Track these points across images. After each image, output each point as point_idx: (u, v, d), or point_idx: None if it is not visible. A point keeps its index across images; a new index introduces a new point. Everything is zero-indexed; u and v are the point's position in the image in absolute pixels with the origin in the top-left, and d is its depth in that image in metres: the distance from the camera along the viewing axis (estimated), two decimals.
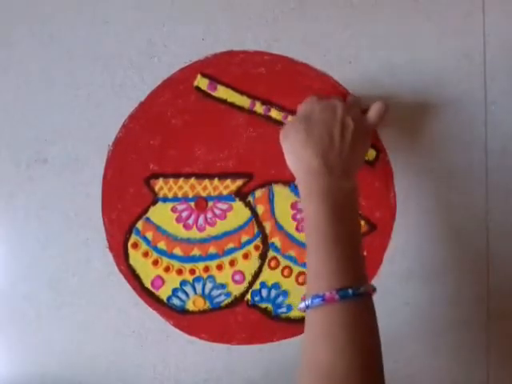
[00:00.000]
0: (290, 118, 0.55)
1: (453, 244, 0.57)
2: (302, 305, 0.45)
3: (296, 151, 0.49)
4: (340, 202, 0.47)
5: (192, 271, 0.56)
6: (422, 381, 0.58)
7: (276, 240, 0.56)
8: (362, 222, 0.56)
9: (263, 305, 0.57)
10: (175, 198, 0.56)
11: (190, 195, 0.56)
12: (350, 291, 0.43)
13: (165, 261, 0.56)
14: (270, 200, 0.56)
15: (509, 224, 0.57)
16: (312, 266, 0.46)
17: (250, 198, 0.56)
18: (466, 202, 0.57)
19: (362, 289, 0.44)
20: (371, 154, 0.56)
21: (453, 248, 0.57)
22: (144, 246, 0.56)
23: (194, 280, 0.56)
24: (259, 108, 0.55)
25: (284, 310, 0.57)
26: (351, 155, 0.49)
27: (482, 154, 0.56)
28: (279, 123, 0.55)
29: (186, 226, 0.56)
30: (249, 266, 0.57)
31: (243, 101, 0.55)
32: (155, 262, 0.56)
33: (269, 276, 0.57)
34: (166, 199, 0.56)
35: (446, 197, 0.57)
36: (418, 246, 0.57)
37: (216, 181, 0.56)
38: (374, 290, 0.46)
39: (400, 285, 0.57)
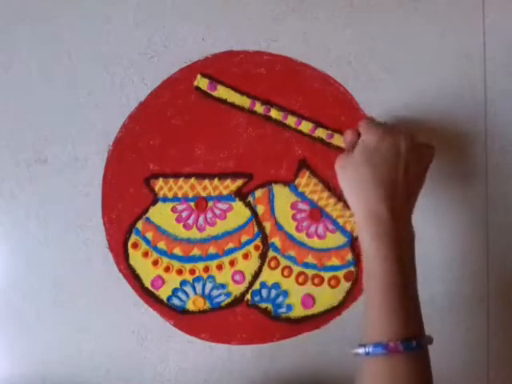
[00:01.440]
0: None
1: (453, 244, 0.57)
2: (361, 350, 0.44)
3: (357, 191, 0.48)
4: (405, 248, 0.46)
5: (192, 271, 0.56)
6: None
7: (276, 240, 0.56)
8: None
9: (263, 305, 0.57)
10: (175, 198, 0.56)
11: (190, 195, 0.56)
12: (414, 343, 0.43)
13: (165, 261, 0.56)
14: (270, 200, 0.56)
15: (509, 224, 0.57)
16: (374, 312, 0.45)
17: (250, 198, 0.56)
18: (466, 202, 0.57)
19: (425, 340, 0.44)
20: None
21: (453, 248, 0.57)
22: (144, 246, 0.56)
23: (193, 280, 0.56)
24: (259, 108, 0.55)
25: (284, 310, 0.57)
26: (412, 196, 0.48)
27: (482, 153, 0.56)
28: (279, 123, 0.55)
29: (186, 226, 0.56)
30: (249, 266, 0.57)
31: (243, 101, 0.55)
32: (155, 262, 0.56)
33: (269, 276, 0.57)
34: (165, 199, 0.56)
35: (446, 197, 0.57)
36: (418, 246, 0.57)
37: (216, 181, 0.56)
38: (431, 341, 0.46)
39: None
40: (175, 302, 0.56)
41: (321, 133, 0.56)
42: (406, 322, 0.44)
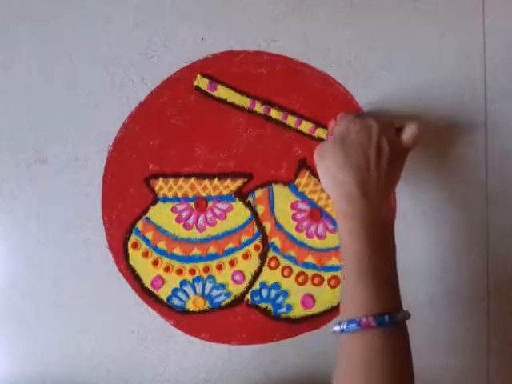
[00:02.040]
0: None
1: (453, 244, 0.57)
2: (337, 328, 0.45)
3: (333, 175, 0.49)
4: (379, 229, 0.47)
5: (192, 271, 0.56)
6: (422, 380, 0.58)
7: (276, 240, 0.56)
8: None
9: (263, 305, 0.57)
10: (175, 198, 0.56)
11: (190, 195, 0.56)
12: (387, 318, 0.43)
13: (165, 261, 0.56)
14: (270, 200, 0.56)
15: (509, 224, 0.57)
16: (348, 290, 0.46)
17: (250, 198, 0.56)
18: (466, 202, 0.57)
19: (399, 316, 0.44)
20: None
21: (453, 248, 0.57)
22: (144, 246, 0.56)
23: (193, 280, 0.56)
24: (259, 108, 0.55)
25: (284, 310, 0.57)
26: (386, 181, 0.48)
27: (482, 154, 0.56)
28: (279, 123, 0.55)
29: (186, 226, 0.56)
30: (249, 266, 0.57)
31: (243, 101, 0.55)
32: (155, 262, 0.56)
33: (269, 276, 0.57)
34: (165, 199, 0.56)
35: (446, 197, 0.57)
36: (418, 246, 0.57)
37: (216, 181, 0.56)
38: (408, 316, 0.46)
39: (400, 285, 0.57)
40: (175, 301, 0.56)
41: (321, 133, 0.56)
42: (380, 298, 0.44)
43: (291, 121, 0.56)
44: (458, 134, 0.56)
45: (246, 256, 0.56)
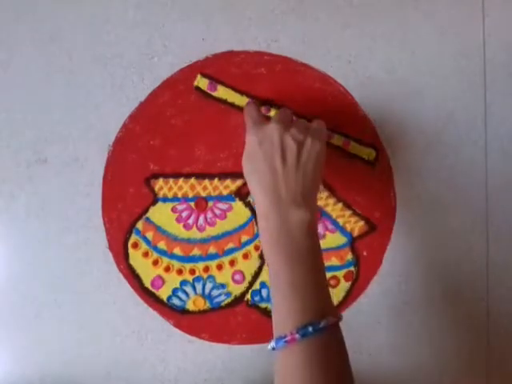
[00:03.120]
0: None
1: (453, 244, 0.57)
2: (269, 346, 0.44)
3: (252, 198, 0.49)
4: (293, 237, 0.45)
5: (192, 271, 0.56)
6: (421, 380, 0.58)
7: None
8: (362, 222, 0.56)
9: (263, 305, 0.57)
10: (175, 198, 0.56)
11: (190, 195, 0.56)
12: (310, 328, 0.42)
13: (165, 261, 0.56)
14: None
15: (509, 224, 0.57)
16: (275, 309, 0.45)
17: (250, 198, 0.56)
18: (466, 202, 0.57)
19: (323, 323, 0.42)
20: (371, 153, 0.56)
21: (453, 248, 0.57)
22: (144, 246, 0.56)
23: (194, 280, 0.56)
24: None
25: None
26: (301, 178, 0.46)
27: (482, 154, 0.57)
28: None
29: (186, 226, 0.56)
30: (249, 266, 0.57)
31: (243, 101, 0.55)
32: (155, 262, 0.56)
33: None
34: (166, 199, 0.56)
35: (446, 197, 0.57)
36: (418, 246, 0.57)
37: (216, 181, 0.56)
38: (338, 319, 0.44)
39: (400, 285, 0.57)
40: (175, 301, 0.56)
41: None
42: (301, 310, 0.43)
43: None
44: (458, 134, 0.56)
45: (246, 256, 0.56)
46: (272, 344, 0.44)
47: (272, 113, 0.55)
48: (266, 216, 0.46)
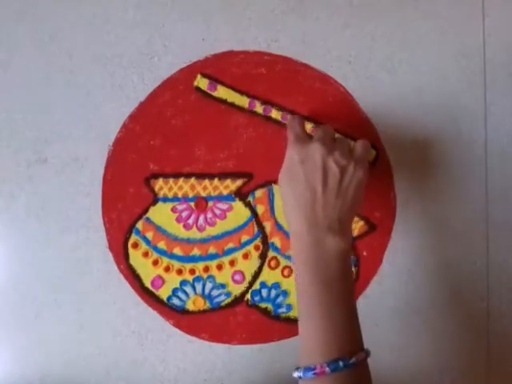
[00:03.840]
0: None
1: (453, 244, 0.57)
2: (296, 374, 0.44)
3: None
4: (327, 263, 0.44)
5: (192, 271, 0.56)
6: (422, 380, 0.58)
7: (276, 240, 0.56)
8: (362, 222, 0.56)
9: (263, 305, 0.57)
10: (175, 198, 0.56)
11: (190, 195, 0.56)
12: (341, 363, 0.42)
13: (165, 261, 0.56)
14: (270, 200, 0.56)
15: (509, 224, 0.57)
16: (303, 335, 0.45)
17: (250, 198, 0.56)
18: (466, 202, 0.57)
19: (353, 359, 0.42)
20: (371, 153, 0.56)
21: (453, 248, 0.57)
22: (144, 246, 0.56)
23: (194, 280, 0.56)
24: (259, 108, 0.55)
25: (284, 310, 0.57)
26: (340, 205, 0.45)
27: (482, 154, 0.57)
28: (279, 123, 0.55)
29: (186, 226, 0.56)
30: (249, 266, 0.57)
31: (243, 101, 0.55)
32: (155, 262, 0.56)
33: (269, 276, 0.57)
34: (166, 199, 0.56)
35: (446, 197, 0.57)
36: (418, 246, 0.57)
37: (216, 181, 0.56)
38: (367, 355, 0.44)
39: (400, 285, 0.57)
40: (175, 301, 0.56)
41: None
42: (333, 343, 0.43)
43: None
44: (458, 134, 0.56)
45: (246, 256, 0.56)
46: (299, 374, 0.43)
47: (272, 113, 0.55)
48: (301, 235, 0.45)
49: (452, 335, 0.58)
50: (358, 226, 0.57)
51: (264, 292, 0.57)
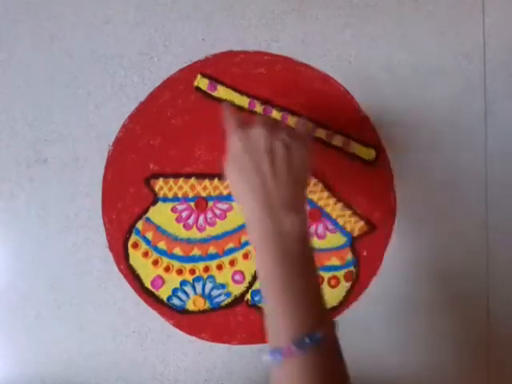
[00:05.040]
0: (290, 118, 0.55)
1: (453, 244, 0.57)
2: (264, 358, 0.42)
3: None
4: (285, 242, 0.43)
5: (192, 271, 0.56)
6: (422, 380, 0.58)
7: None
8: (362, 222, 0.56)
9: (263, 305, 0.57)
10: (175, 198, 0.56)
11: (190, 195, 0.56)
12: (307, 339, 0.40)
13: (165, 261, 0.56)
14: None
15: (509, 224, 0.57)
16: (268, 315, 0.43)
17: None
18: (466, 202, 0.57)
19: (319, 334, 0.40)
20: (371, 153, 0.56)
21: (453, 248, 0.57)
22: (144, 246, 0.56)
23: (194, 280, 0.56)
24: (259, 108, 0.55)
25: None
26: (291, 185, 0.45)
27: (482, 154, 0.57)
28: None
29: (186, 226, 0.56)
30: (249, 266, 0.57)
31: (243, 101, 0.55)
32: (155, 262, 0.56)
33: None
34: (166, 199, 0.56)
35: (446, 197, 0.57)
36: (418, 245, 0.57)
37: (216, 181, 0.56)
38: (333, 327, 0.43)
39: (400, 285, 0.57)
40: (175, 301, 0.56)
41: (321, 133, 0.56)
42: (296, 321, 0.41)
43: (291, 121, 0.55)
44: (458, 135, 0.56)
45: (246, 256, 0.56)
46: (268, 357, 0.42)
47: (274, 114, 0.55)
48: (259, 220, 0.44)
49: (452, 335, 0.57)
50: (358, 226, 0.57)
51: None
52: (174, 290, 0.56)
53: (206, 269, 0.56)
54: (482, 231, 0.57)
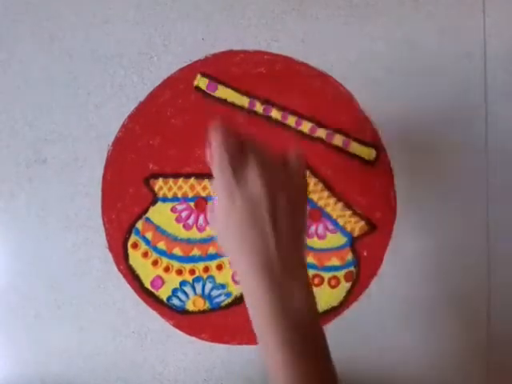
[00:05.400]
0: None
1: (453, 244, 0.57)
2: None
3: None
4: (291, 317, 0.38)
5: (192, 271, 0.56)
6: (422, 381, 0.58)
7: None
8: (363, 222, 0.56)
9: None
10: (175, 198, 0.56)
11: (190, 195, 0.56)
12: None
13: (164, 261, 0.56)
14: None
15: (509, 224, 0.57)
16: None
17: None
18: (466, 202, 0.57)
19: None
20: (371, 153, 0.56)
21: (453, 248, 0.57)
22: (144, 246, 0.56)
23: (193, 280, 0.56)
24: (259, 108, 0.55)
25: None
26: (292, 240, 0.39)
27: (482, 154, 0.56)
28: (279, 123, 0.55)
29: (186, 226, 0.56)
30: None
31: (243, 101, 0.55)
32: (155, 262, 0.56)
33: None
34: (165, 199, 0.56)
35: (446, 197, 0.57)
36: (418, 245, 0.57)
37: None
38: None
39: (400, 285, 0.57)
40: (175, 302, 0.56)
41: (321, 133, 0.56)
42: None
43: (291, 121, 0.56)
44: (458, 134, 0.56)
45: None
46: None
47: (272, 113, 0.55)
48: (259, 292, 0.39)
49: (452, 335, 0.57)
50: (358, 226, 0.57)
51: None
52: (174, 291, 0.56)
53: (206, 269, 0.56)
54: (482, 231, 0.57)
